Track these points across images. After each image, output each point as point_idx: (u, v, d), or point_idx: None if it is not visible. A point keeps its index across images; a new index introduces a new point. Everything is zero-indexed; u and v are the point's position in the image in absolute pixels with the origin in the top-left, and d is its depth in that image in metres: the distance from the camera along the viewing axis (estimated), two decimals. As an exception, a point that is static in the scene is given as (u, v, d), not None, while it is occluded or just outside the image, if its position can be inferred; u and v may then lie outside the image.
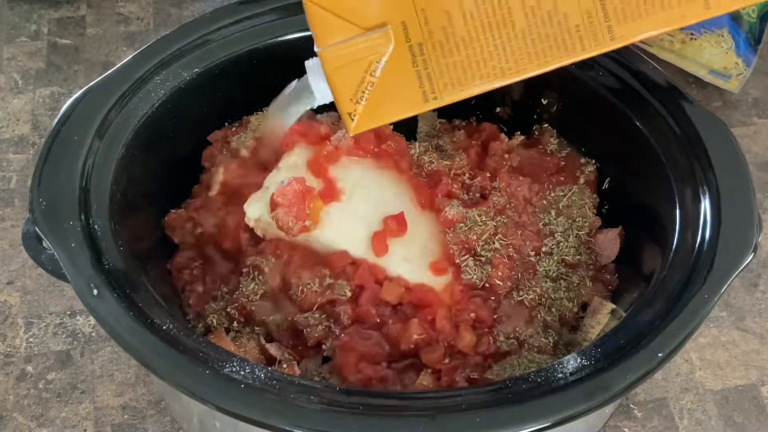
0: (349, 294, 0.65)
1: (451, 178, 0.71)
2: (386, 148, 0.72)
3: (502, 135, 0.78)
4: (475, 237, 0.67)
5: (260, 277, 0.67)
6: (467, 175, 0.73)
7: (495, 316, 0.66)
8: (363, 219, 0.68)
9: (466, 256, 0.67)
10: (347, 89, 0.56)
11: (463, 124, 0.80)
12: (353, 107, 0.57)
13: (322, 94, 0.60)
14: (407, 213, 0.68)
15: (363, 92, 0.56)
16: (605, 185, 0.75)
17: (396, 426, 0.53)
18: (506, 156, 0.75)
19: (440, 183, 0.70)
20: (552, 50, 0.56)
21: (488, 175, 0.73)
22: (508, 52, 0.56)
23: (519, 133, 0.78)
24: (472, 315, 0.65)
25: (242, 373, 0.55)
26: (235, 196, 0.71)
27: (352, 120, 0.57)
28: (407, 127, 0.78)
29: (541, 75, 0.70)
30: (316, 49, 0.56)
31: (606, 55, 0.72)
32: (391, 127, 0.74)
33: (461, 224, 0.68)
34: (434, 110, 0.76)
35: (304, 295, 0.66)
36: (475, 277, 0.66)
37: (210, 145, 0.75)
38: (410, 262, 0.67)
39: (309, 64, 0.60)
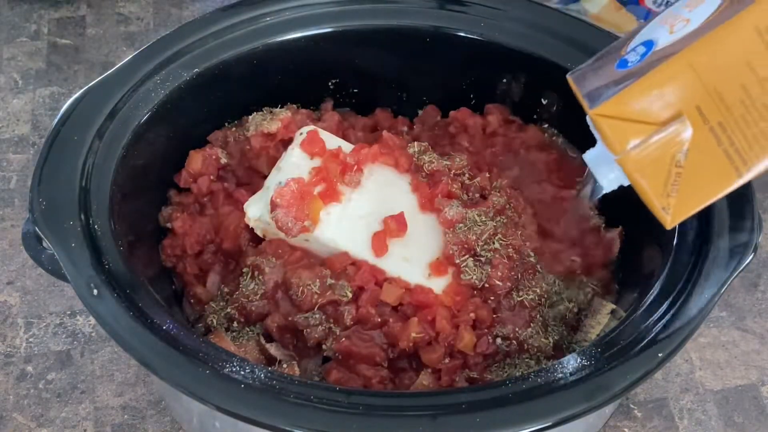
0: (350, 295, 0.65)
1: (451, 178, 0.71)
2: (386, 143, 0.72)
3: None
4: (474, 237, 0.67)
5: (260, 277, 0.67)
6: (467, 175, 0.73)
7: (495, 316, 0.66)
8: (363, 219, 0.68)
9: (466, 257, 0.67)
10: (656, 187, 0.55)
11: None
12: (666, 202, 0.55)
13: (609, 183, 0.59)
14: (408, 213, 0.68)
15: (672, 185, 0.55)
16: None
17: (396, 426, 0.53)
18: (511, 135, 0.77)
19: (440, 183, 0.70)
20: None
21: (488, 175, 0.73)
22: None
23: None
24: (472, 315, 0.65)
25: (242, 373, 0.55)
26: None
27: (667, 214, 0.56)
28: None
29: (540, 75, 0.70)
30: (613, 157, 0.55)
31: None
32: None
33: (461, 224, 0.68)
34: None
35: (305, 295, 0.65)
36: (474, 277, 0.66)
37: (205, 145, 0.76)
38: (410, 262, 0.67)
39: (587, 158, 0.60)
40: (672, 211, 0.56)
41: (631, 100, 0.54)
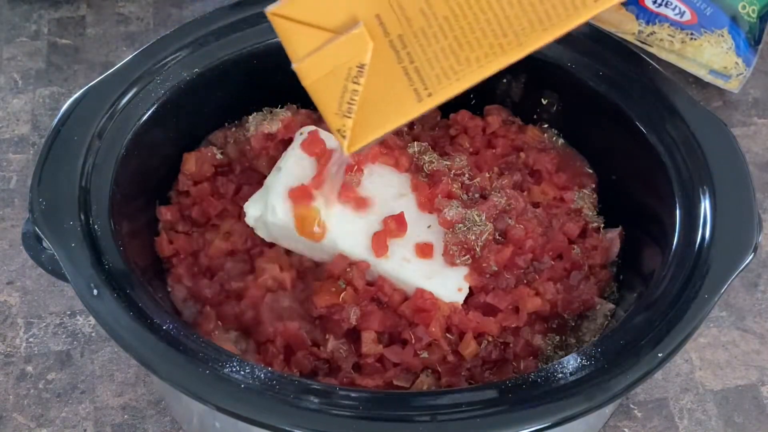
0: (350, 296, 0.66)
1: (451, 179, 0.71)
2: (387, 143, 0.72)
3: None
4: (474, 237, 0.67)
5: (260, 278, 0.67)
6: (467, 175, 0.73)
7: (501, 325, 0.66)
8: (363, 220, 0.68)
9: (466, 257, 0.67)
10: (331, 103, 0.50)
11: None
12: (341, 122, 0.51)
13: None
14: (408, 213, 0.68)
15: (348, 103, 0.50)
16: (605, 186, 0.75)
17: (396, 426, 0.53)
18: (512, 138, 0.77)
19: (440, 183, 0.70)
20: (557, 11, 0.48)
21: (488, 175, 0.73)
22: (504, 23, 0.48)
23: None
24: (476, 324, 0.65)
25: (242, 373, 0.55)
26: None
27: (344, 137, 0.51)
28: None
29: (540, 75, 0.69)
30: (292, 66, 0.51)
31: (606, 54, 0.73)
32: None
33: (460, 224, 0.68)
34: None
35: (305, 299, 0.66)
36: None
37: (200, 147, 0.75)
38: (410, 262, 0.67)
39: None
40: (349, 134, 0.51)
41: (306, 0, 0.49)
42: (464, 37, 0.49)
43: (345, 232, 0.67)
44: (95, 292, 0.57)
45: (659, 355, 0.55)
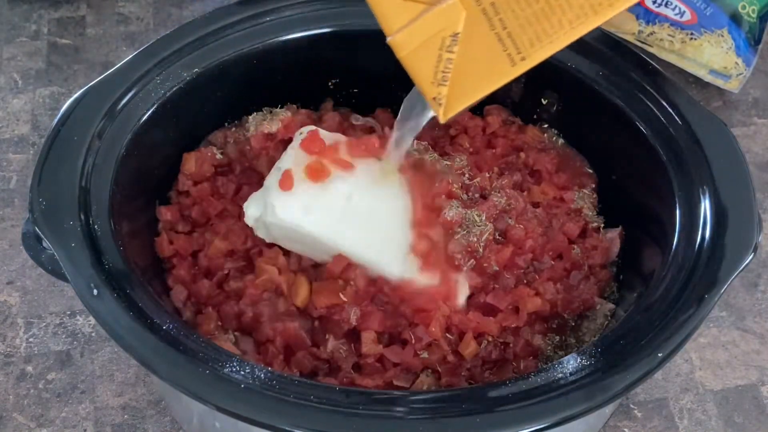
0: (350, 296, 0.65)
1: (452, 178, 0.71)
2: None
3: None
4: (474, 239, 0.67)
5: (260, 279, 0.67)
6: (467, 175, 0.73)
7: (501, 325, 0.66)
8: (362, 218, 0.68)
9: (471, 261, 0.67)
10: (426, 73, 0.52)
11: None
12: (437, 91, 0.52)
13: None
14: (404, 212, 0.68)
15: (443, 72, 0.51)
16: (605, 186, 0.75)
17: (396, 426, 0.53)
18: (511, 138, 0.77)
19: (442, 182, 0.70)
20: None
21: (488, 175, 0.73)
22: None
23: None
24: (476, 324, 0.65)
25: (242, 373, 0.55)
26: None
27: (440, 104, 0.52)
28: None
29: (540, 75, 0.69)
30: (387, 39, 0.52)
31: (606, 54, 0.73)
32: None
33: (459, 229, 0.68)
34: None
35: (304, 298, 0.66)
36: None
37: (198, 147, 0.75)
38: (411, 262, 0.67)
39: None
40: (445, 102, 0.52)
41: None
42: (556, 1, 0.50)
43: (344, 231, 0.67)
44: (95, 292, 0.57)
45: (659, 355, 0.55)
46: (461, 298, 0.67)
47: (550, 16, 0.50)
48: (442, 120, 0.53)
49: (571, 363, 0.56)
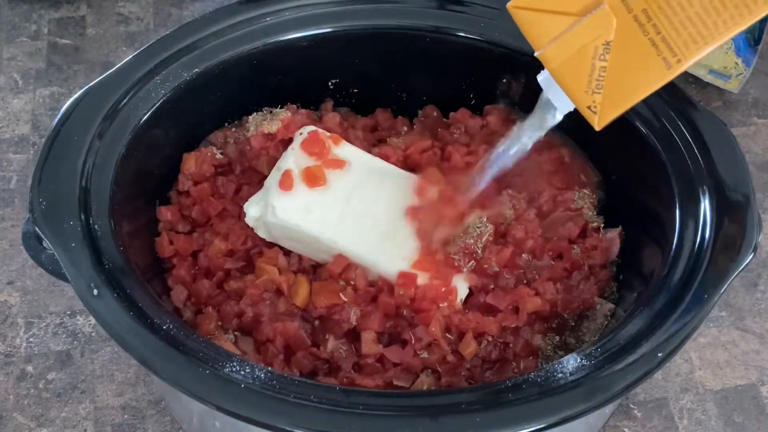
0: (350, 297, 0.66)
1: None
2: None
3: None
4: (472, 241, 0.67)
5: (260, 279, 0.67)
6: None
7: (501, 325, 0.66)
8: (363, 219, 0.68)
9: (471, 262, 0.67)
10: (579, 83, 0.52)
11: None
12: (591, 99, 0.52)
13: (564, 104, 0.56)
14: (405, 210, 0.69)
15: (597, 80, 0.52)
16: (605, 185, 0.75)
17: (396, 426, 0.53)
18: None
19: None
20: None
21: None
22: None
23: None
24: (476, 324, 0.65)
25: (242, 373, 0.55)
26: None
27: (594, 113, 0.53)
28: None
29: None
30: (536, 53, 0.52)
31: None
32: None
33: (460, 233, 0.68)
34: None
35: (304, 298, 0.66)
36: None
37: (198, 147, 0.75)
38: (411, 262, 0.67)
39: (541, 78, 0.56)
40: (599, 109, 0.52)
41: None
42: (710, 3, 0.50)
43: (345, 231, 0.67)
44: (95, 292, 0.57)
45: (659, 355, 0.55)
46: (461, 296, 0.67)
47: (705, 18, 0.50)
48: (597, 128, 0.54)
49: (571, 363, 0.56)
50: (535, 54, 0.52)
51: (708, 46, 0.51)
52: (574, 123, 0.76)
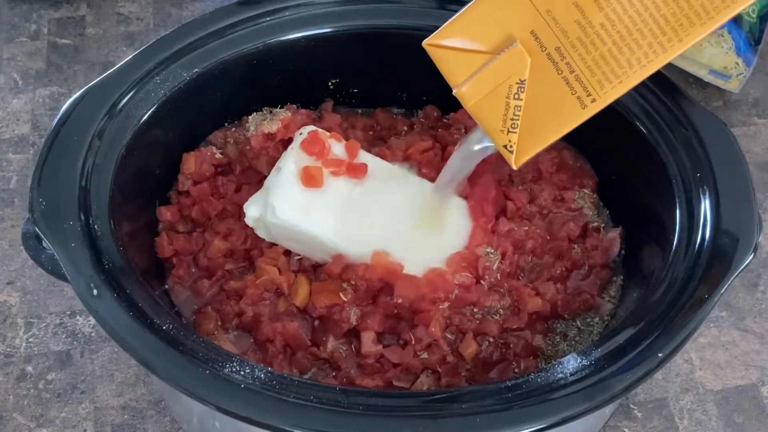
0: (350, 297, 0.66)
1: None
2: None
3: None
4: (483, 270, 0.68)
5: (260, 279, 0.67)
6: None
7: (502, 325, 0.66)
8: (364, 219, 0.68)
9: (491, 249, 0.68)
10: (495, 122, 0.52)
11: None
12: (507, 138, 0.52)
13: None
14: (411, 212, 0.69)
15: (512, 119, 0.51)
16: (605, 186, 0.75)
17: (396, 426, 0.53)
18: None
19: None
20: (714, 2, 0.48)
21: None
22: (661, 21, 0.49)
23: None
24: (476, 325, 0.65)
25: (242, 373, 0.55)
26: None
27: (511, 152, 0.53)
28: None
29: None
30: (453, 92, 0.52)
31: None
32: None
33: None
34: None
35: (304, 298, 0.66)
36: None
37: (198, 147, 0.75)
38: (410, 261, 0.67)
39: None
40: (515, 149, 0.52)
41: (460, 27, 0.51)
42: (623, 41, 0.50)
43: (346, 232, 0.67)
44: (95, 292, 0.57)
45: (659, 355, 0.55)
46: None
47: (618, 56, 0.50)
48: (514, 167, 0.54)
49: (571, 363, 0.56)
50: (453, 92, 0.52)
51: (623, 86, 0.50)
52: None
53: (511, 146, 0.52)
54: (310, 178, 0.68)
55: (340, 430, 0.52)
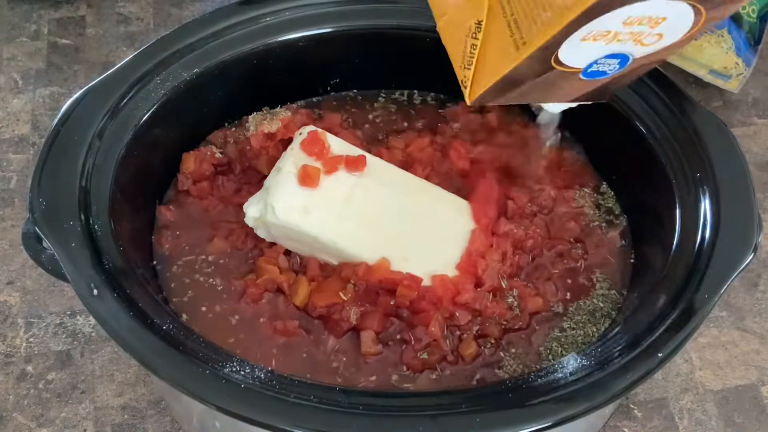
0: (350, 296, 0.66)
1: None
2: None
3: None
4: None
5: (260, 278, 0.67)
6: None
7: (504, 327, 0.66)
8: (365, 220, 0.68)
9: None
10: (458, 57, 0.55)
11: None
12: (463, 74, 0.56)
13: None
14: (411, 213, 0.69)
15: (468, 57, 0.55)
16: (605, 185, 0.75)
17: (396, 426, 0.53)
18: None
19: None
20: None
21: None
22: None
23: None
24: (477, 325, 0.65)
25: (242, 373, 0.55)
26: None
27: (465, 88, 0.56)
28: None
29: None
30: (437, 26, 0.57)
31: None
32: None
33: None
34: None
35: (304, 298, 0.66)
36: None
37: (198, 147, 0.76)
38: (410, 261, 0.67)
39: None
40: (469, 85, 0.55)
41: None
42: None
43: (346, 232, 0.67)
44: (95, 292, 0.57)
45: (659, 355, 0.55)
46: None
47: (543, 2, 0.51)
48: (468, 102, 0.57)
49: (571, 363, 0.56)
50: (437, 26, 0.56)
51: (548, 29, 0.50)
52: (575, 123, 0.77)
53: (466, 82, 0.56)
54: (306, 177, 0.68)
55: (340, 430, 0.52)
